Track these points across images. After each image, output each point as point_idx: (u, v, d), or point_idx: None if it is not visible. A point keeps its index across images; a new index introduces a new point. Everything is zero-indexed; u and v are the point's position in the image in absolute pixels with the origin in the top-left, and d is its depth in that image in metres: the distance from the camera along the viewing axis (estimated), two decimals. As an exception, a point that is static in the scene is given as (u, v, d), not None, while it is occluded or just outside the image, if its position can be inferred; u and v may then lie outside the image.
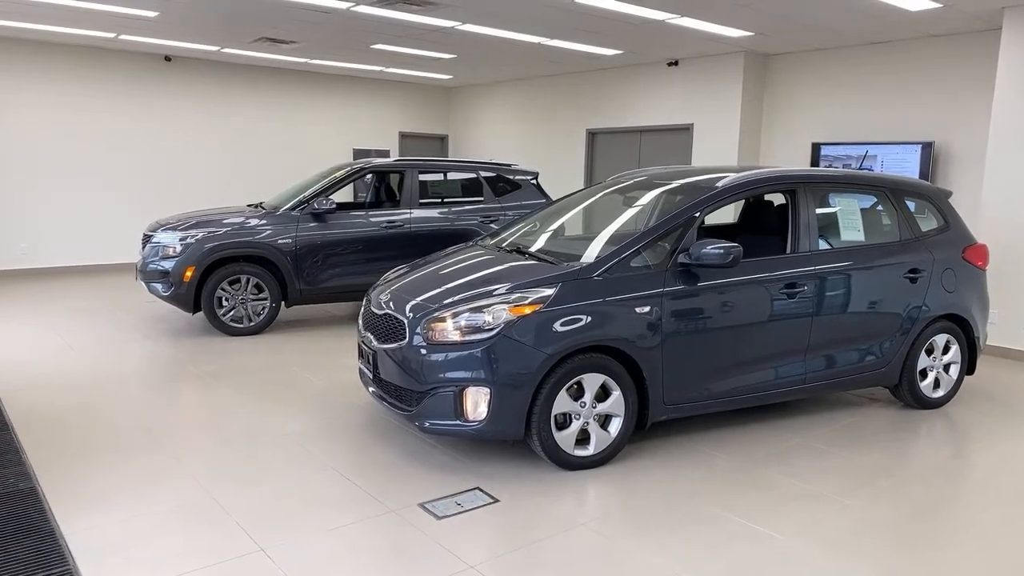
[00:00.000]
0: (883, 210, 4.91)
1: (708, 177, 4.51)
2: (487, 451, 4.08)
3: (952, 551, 3.13)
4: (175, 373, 5.47)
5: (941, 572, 2.96)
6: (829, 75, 8.57)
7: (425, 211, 7.36)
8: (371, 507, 3.39)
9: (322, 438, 4.24)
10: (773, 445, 4.29)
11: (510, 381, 3.62)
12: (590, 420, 3.84)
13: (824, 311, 4.42)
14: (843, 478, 3.85)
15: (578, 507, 3.45)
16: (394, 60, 10.40)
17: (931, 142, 7.58)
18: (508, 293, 3.77)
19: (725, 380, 4.17)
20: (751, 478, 3.83)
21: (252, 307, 6.72)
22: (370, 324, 4.24)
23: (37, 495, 3.44)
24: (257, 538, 3.08)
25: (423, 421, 3.79)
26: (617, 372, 3.84)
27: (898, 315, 4.71)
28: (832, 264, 4.47)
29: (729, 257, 3.87)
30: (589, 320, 3.74)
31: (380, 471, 3.81)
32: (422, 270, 4.50)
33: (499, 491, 3.60)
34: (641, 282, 3.90)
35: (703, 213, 4.14)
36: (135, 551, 2.96)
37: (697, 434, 4.43)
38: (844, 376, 4.60)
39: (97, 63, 10.05)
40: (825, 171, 4.75)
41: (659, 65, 9.93)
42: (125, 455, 3.93)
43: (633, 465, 3.95)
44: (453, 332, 3.71)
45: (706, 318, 4.04)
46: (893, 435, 4.52)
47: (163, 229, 6.63)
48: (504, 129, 12.60)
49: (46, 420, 4.42)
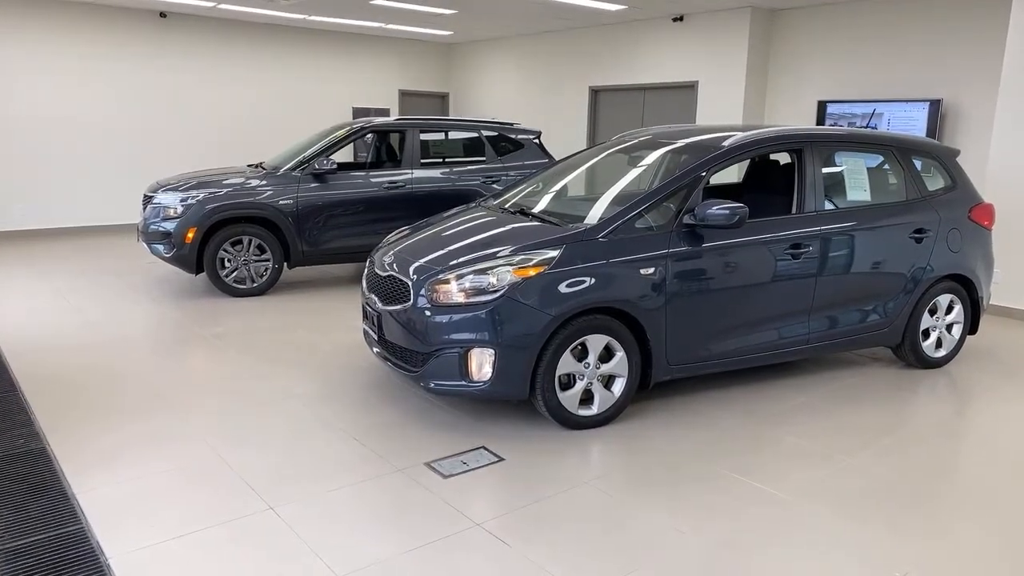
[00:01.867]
0: (890, 169, 4.86)
1: (714, 136, 4.46)
2: (491, 411, 4.12)
3: (955, 510, 3.18)
4: (180, 335, 5.49)
5: (946, 531, 3.01)
6: (836, 31, 8.42)
7: (427, 171, 7.30)
8: (378, 466, 3.44)
9: (328, 399, 4.28)
10: (776, 404, 4.32)
11: (515, 342, 3.63)
12: (594, 380, 3.86)
13: (829, 271, 4.41)
14: (846, 437, 3.89)
15: (582, 466, 3.49)
16: (394, 16, 10.20)
17: (939, 100, 7.47)
18: (512, 255, 3.76)
19: (729, 341, 4.18)
20: (755, 437, 3.86)
21: (255, 268, 6.71)
22: (374, 286, 4.24)
23: (47, 455, 3.48)
24: (266, 497, 3.12)
25: (428, 382, 3.81)
26: (621, 333, 3.85)
27: (902, 275, 4.70)
28: (838, 224, 4.44)
29: (735, 218, 3.84)
30: (593, 282, 3.73)
31: (386, 431, 3.85)
32: (425, 232, 4.48)
33: (504, 450, 3.64)
34: (646, 243, 3.88)
35: (709, 173, 4.11)
36: (146, 509, 3.00)
37: (700, 394, 4.46)
38: (847, 336, 4.62)
39: (91, 20, 9.87)
40: (832, 130, 4.69)
41: (664, 20, 9.74)
42: (133, 416, 3.97)
43: (636, 424, 3.98)
44: (457, 294, 3.71)
45: (710, 279, 4.04)
46: (895, 394, 4.55)
47: (164, 190, 6.59)
48: (505, 87, 12.43)
49: (53, 382, 4.46)
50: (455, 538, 2.85)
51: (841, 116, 8.18)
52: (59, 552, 2.70)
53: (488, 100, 12.83)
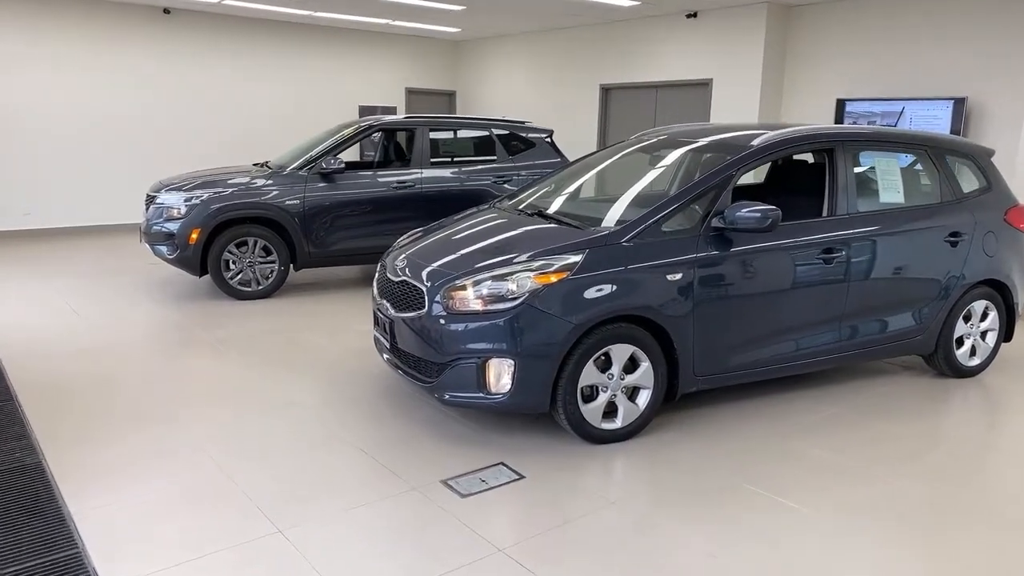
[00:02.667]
0: (923, 170, 4.66)
1: (742, 135, 4.26)
2: (509, 423, 3.93)
3: (997, 530, 2.98)
4: (183, 339, 5.31)
5: (987, 551, 2.81)
6: (855, 27, 8.20)
7: (436, 171, 7.11)
8: (392, 484, 3.25)
9: (337, 408, 4.09)
10: (805, 416, 4.12)
11: (535, 352, 3.44)
12: (618, 392, 3.67)
13: (862, 277, 4.21)
14: (880, 451, 3.69)
15: (607, 484, 3.30)
16: (401, 12, 10.01)
17: (963, 98, 7.25)
18: (532, 260, 3.57)
19: (758, 350, 3.98)
20: (784, 451, 3.67)
21: (260, 270, 6.53)
22: (386, 291, 4.05)
23: (43, 471, 3.30)
24: (274, 519, 2.94)
25: (443, 393, 3.62)
26: (646, 342, 3.66)
27: (937, 281, 4.50)
28: (871, 228, 4.24)
29: (767, 221, 3.65)
30: (618, 288, 3.54)
31: (399, 445, 3.66)
32: (439, 234, 4.29)
33: (524, 466, 3.45)
34: (672, 248, 3.69)
35: (738, 174, 3.91)
36: (146, 532, 2.82)
37: (726, 405, 4.27)
38: (880, 344, 4.42)
39: (92, 16, 9.69)
40: (864, 129, 4.49)
41: (677, 17, 9.53)
42: (134, 427, 3.79)
43: (661, 438, 3.79)
44: (475, 301, 3.52)
45: (740, 285, 3.84)
46: (928, 406, 4.35)
47: (167, 190, 6.41)
48: (514, 85, 12.23)
49: (51, 390, 4.28)
50: (477, 565, 2.66)
51: (861, 115, 7.96)
52: (53, 580, 2.52)
53: (496, 98, 12.63)
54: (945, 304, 4.56)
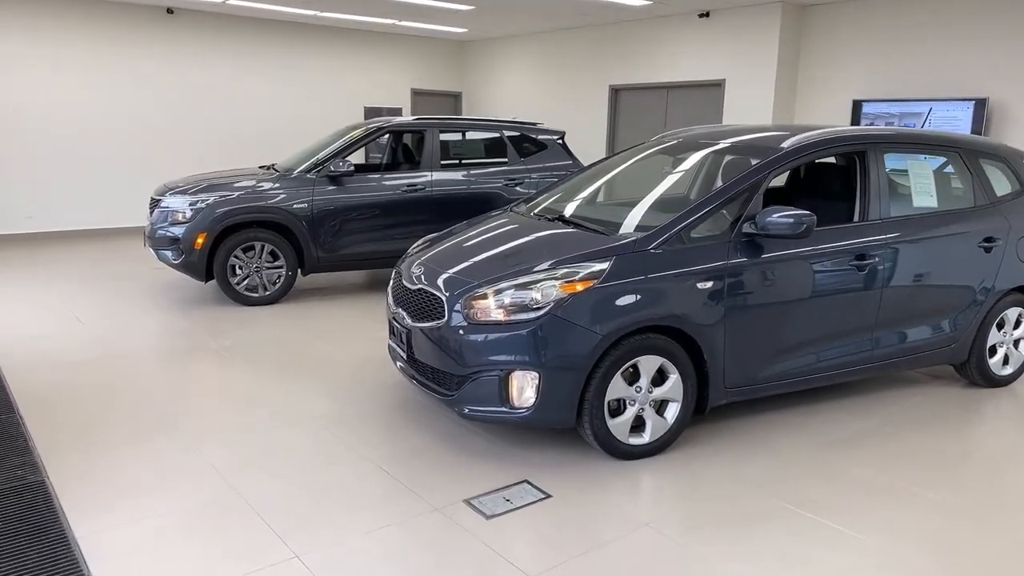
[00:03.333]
0: (956, 173, 4.50)
1: (769, 136, 4.11)
2: (531, 437, 3.77)
3: (1059, 556, 2.83)
4: (190, 348, 5.16)
5: (1053, 583, 2.66)
6: (872, 27, 8.05)
7: (447, 173, 6.96)
8: (413, 504, 3.09)
9: (352, 422, 3.94)
10: (838, 429, 3.97)
11: (561, 364, 3.29)
12: (646, 406, 3.51)
13: (895, 284, 4.06)
14: (920, 466, 3.54)
15: (638, 503, 3.14)
16: (408, 12, 9.86)
17: (984, 99, 7.10)
18: (556, 268, 3.42)
19: (790, 361, 3.83)
20: (821, 468, 3.51)
21: (267, 275, 6.38)
22: (402, 300, 3.90)
23: (46, 490, 3.15)
24: (290, 542, 2.78)
25: (463, 407, 3.47)
26: (675, 354, 3.50)
27: (971, 288, 4.34)
28: (905, 233, 4.08)
29: (801, 227, 3.49)
30: (646, 297, 3.38)
31: (418, 460, 3.50)
32: (456, 240, 4.14)
33: (549, 484, 3.29)
34: (703, 254, 3.53)
35: (769, 177, 3.75)
36: (154, 557, 2.67)
37: (753, 417, 4.11)
38: (912, 354, 4.26)
39: (95, 16, 9.55)
40: (896, 130, 4.33)
41: (689, 16, 9.38)
42: (141, 442, 3.63)
43: (691, 453, 3.63)
44: (496, 311, 3.37)
45: (772, 293, 3.68)
46: (963, 417, 4.19)
47: (172, 193, 6.26)
48: (521, 86, 12.08)
49: (54, 401, 4.12)
50: (506, 594, 2.51)
51: (878, 116, 7.81)
52: (57, 612, 2.37)
53: (503, 100, 12.48)
54: (979, 312, 4.41)
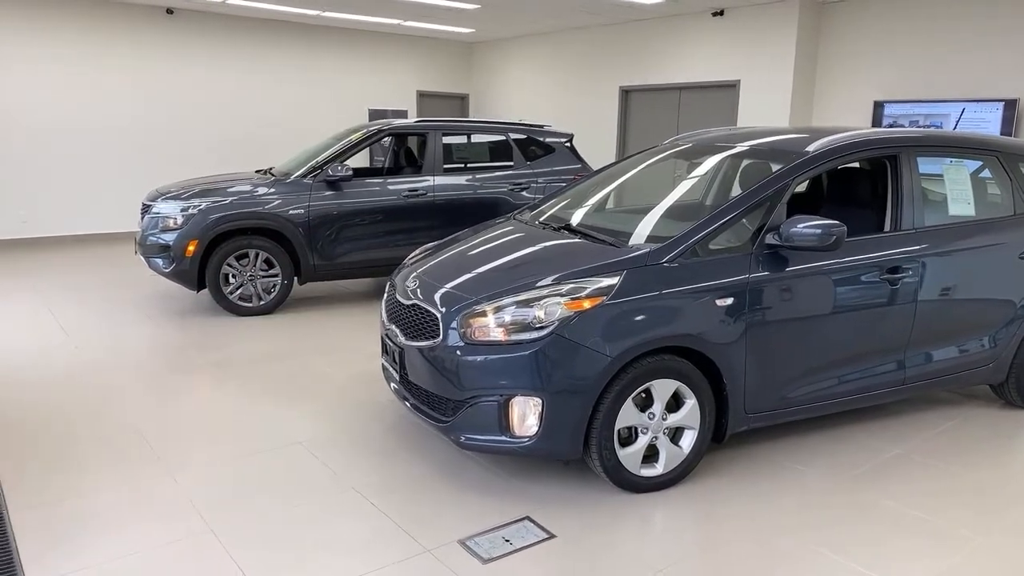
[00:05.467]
0: (993, 179, 4.18)
1: (793, 139, 3.80)
2: (533, 467, 3.48)
3: None
4: (177, 363, 4.89)
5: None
6: (893, 25, 7.71)
7: (450, 178, 6.68)
8: (402, 545, 2.80)
9: (341, 447, 3.65)
10: (868, 458, 3.65)
11: (566, 389, 2.99)
12: (659, 434, 3.21)
13: (930, 299, 3.74)
14: (960, 503, 3.22)
15: (650, 545, 2.84)
16: (413, 12, 9.60)
17: (1015, 99, 6.76)
18: (561, 283, 3.12)
19: (817, 383, 3.52)
20: (852, 504, 3.20)
21: (262, 284, 6.11)
22: (395, 316, 3.61)
23: (3, 530, 2.88)
24: (263, 592, 2.50)
25: (460, 435, 3.18)
26: (692, 377, 3.20)
27: (1011, 302, 4.02)
28: (941, 244, 3.77)
29: (831, 239, 3.18)
30: (661, 315, 3.09)
31: (410, 493, 3.21)
32: (455, 250, 3.86)
33: (553, 522, 3.00)
34: (722, 268, 3.23)
35: (794, 184, 3.45)
36: (113, 610, 2.39)
37: (775, 443, 3.80)
38: (948, 374, 3.94)
39: (92, 16, 9.33)
40: (932, 133, 4.01)
41: (703, 15, 9.07)
42: (114, 471, 3.36)
43: (708, 486, 3.33)
44: (496, 330, 3.08)
45: (797, 310, 3.37)
46: (1005, 445, 3.86)
47: (163, 198, 6.01)
48: (529, 88, 11.79)
49: (23, 424, 3.86)
50: (503, 658, 2.22)
51: (901, 117, 7.47)
52: None
53: (510, 101, 12.19)
54: (1019, 328, 4.08)
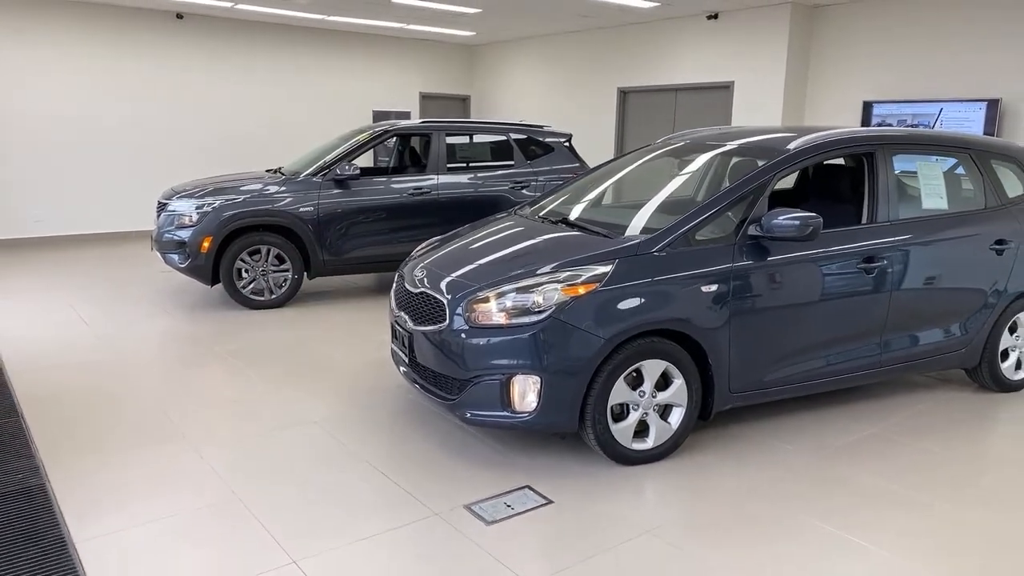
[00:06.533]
0: (966, 174, 4.43)
1: (776, 138, 4.06)
2: (533, 442, 3.74)
3: (1073, 566, 2.76)
4: (195, 352, 5.16)
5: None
6: (882, 27, 7.97)
7: (453, 177, 6.94)
8: (413, 509, 3.06)
9: (354, 426, 3.92)
10: (847, 435, 3.91)
11: (563, 368, 3.25)
12: (649, 411, 3.47)
13: (904, 287, 4.00)
14: (931, 475, 3.47)
15: (640, 510, 3.10)
16: (415, 16, 9.87)
17: (997, 99, 7.01)
18: (558, 271, 3.38)
19: (796, 365, 3.77)
20: (830, 475, 3.45)
21: (273, 279, 6.38)
22: (404, 303, 3.87)
23: (47, 494, 3.14)
24: (289, 548, 2.76)
25: (465, 411, 3.44)
26: (680, 358, 3.46)
27: (982, 290, 4.27)
28: (914, 236, 4.02)
29: (808, 229, 3.44)
30: (650, 300, 3.34)
31: (419, 465, 3.47)
32: (459, 243, 4.12)
33: (551, 490, 3.25)
34: (707, 257, 3.49)
35: (775, 179, 3.71)
36: (152, 562, 2.65)
37: (760, 422, 4.06)
38: (922, 358, 4.19)
39: (106, 21, 9.61)
40: (905, 131, 4.28)
41: (698, 18, 9.33)
42: (143, 447, 3.62)
43: (695, 459, 3.58)
44: (498, 314, 3.34)
45: (778, 297, 3.63)
46: (977, 424, 4.11)
47: (178, 197, 6.27)
48: (529, 89, 12.06)
49: (57, 404, 4.13)
50: (505, 602, 2.48)
51: (889, 117, 7.72)
52: (52, 618, 2.36)
53: (511, 103, 12.46)
54: (990, 315, 4.34)
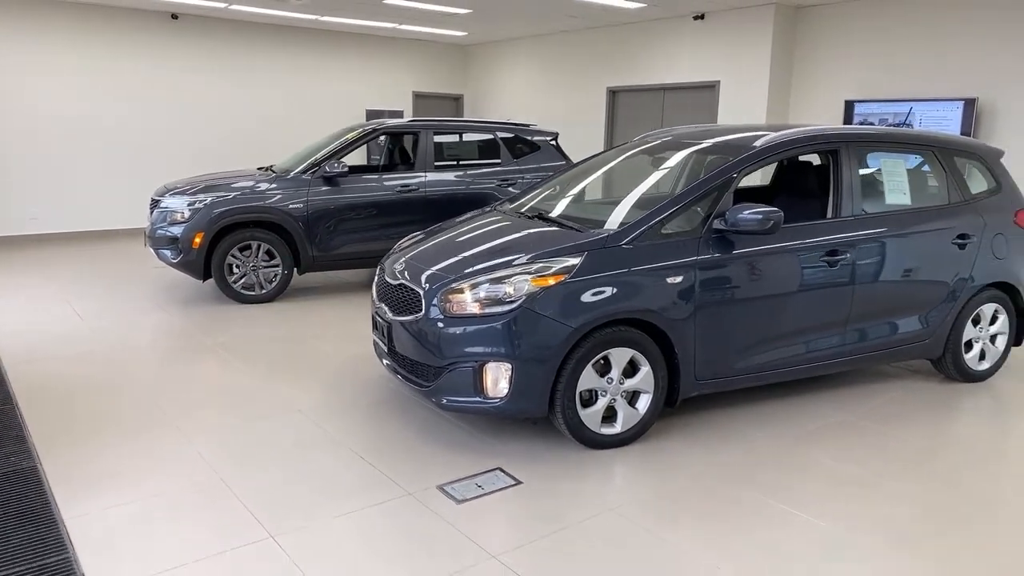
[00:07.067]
0: (930, 171, 4.58)
1: (744, 136, 4.21)
2: (508, 429, 3.89)
3: (1015, 538, 2.91)
4: (186, 344, 5.31)
5: (1004, 562, 2.74)
6: (864, 28, 8.12)
7: (440, 174, 7.09)
8: (387, 489, 3.22)
9: (336, 414, 4.07)
10: (811, 422, 4.06)
11: (533, 356, 3.40)
12: (617, 397, 3.62)
13: (867, 280, 4.15)
14: (889, 459, 3.62)
15: (605, 490, 3.25)
16: (408, 16, 10.01)
17: (974, 98, 7.16)
18: (530, 263, 3.53)
19: (761, 354, 3.93)
20: (790, 459, 3.60)
21: (264, 274, 6.52)
22: (384, 295, 4.03)
23: (38, 476, 3.29)
24: (267, 524, 2.91)
25: (441, 397, 3.59)
26: (646, 346, 3.61)
27: (945, 283, 4.42)
28: (876, 230, 4.17)
29: (769, 223, 3.59)
30: (617, 291, 3.49)
31: (396, 450, 3.63)
32: (438, 237, 4.27)
33: (521, 472, 3.41)
34: (673, 250, 3.64)
35: (740, 175, 3.86)
36: (138, 538, 2.80)
37: (729, 410, 4.21)
38: (886, 348, 4.34)
39: (102, 22, 9.76)
40: (869, 129, 4.43)
41: (684, 19, 9.48)
42: (132, 433, 3.77)
43: (662, 444, 3.74)
44: (472, 304, 3.49)
45: (742, 288, 3.78)
46: (937, 411, 4.27)
47: (171, 194, 6.42)
48: (521, 88, 12.21)
49: (51, 393, 4.28)
50: (470, 572, 2.62)
51: (870, 115, 7.87)
52: (41, 586, 2.50)
53: (504, 102, 12.61)
54: (953, 307, 4.49)
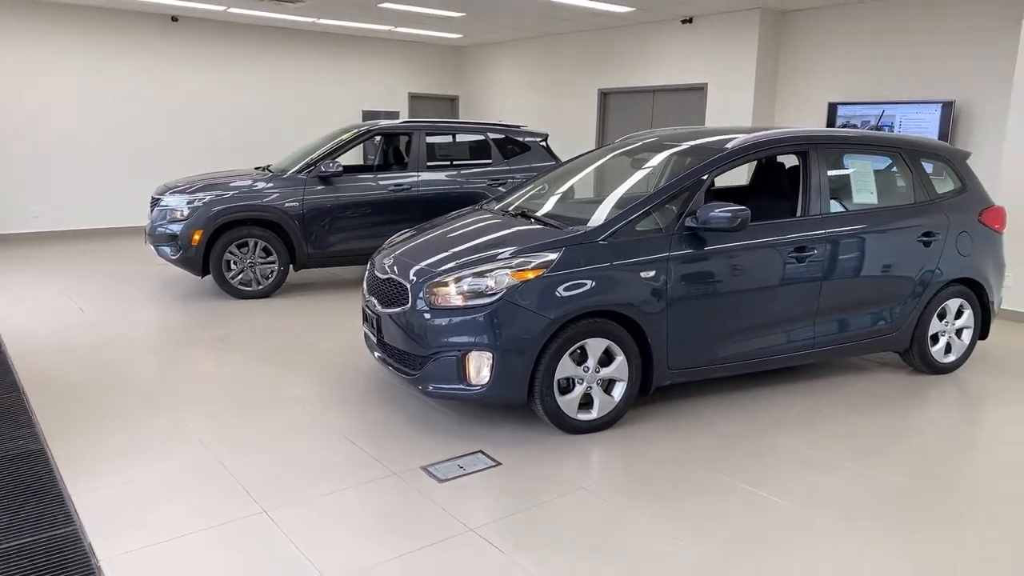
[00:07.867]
0: (897, 172, 4.79)
1: (717, 138, 4.41)
2: (490, 415, 4.09)
3: (967, 520, 3.11)
4: (184, 337, 5.51)
5: (958, 541, 2.95)
6: (847, 33, 8.33)
7: (432, 174, 7.30)
8: (374, 470, 3.42)
9: (328, 402, 4.27)
10: (781, 411, 4.26)
11: (513, 345, 3.61)
12: (593, 385, 3.82)
13: (834, 275, 4.35)
14: (853, 445, 3.83)
15: (580, 471, 3.45)
16: (403, 19, 10.22)
17: (951, 101, 7.37)
18: (511, 258, 3.74)
19: (732, 345, 4.13)
20: (758, 444, 3.81)
21: (260, 271, 6.73)
22: (374, 288, 4.23)
23: (46, 457, 3.49)
24: (260, 500, 3.11)
25: (426, 385, 3.79)
26: (621, 337, 3.81)
27: (911, 279, 4.63)
28: (843, 227, 4.38)
29: (736, 221, 3.80)
30: (593, 285, 3.70)
31: (384, 434, 3.83)
32: (426, 234, 4.47)
33: (501, 454, 3.61)
34: (646, 246, 3.85)
35: (711, 175, 4.06)
36: (140, 512, 3.00)
37: (702, 399, 4.41)
38: (854, 341, 4.55)
39: (102, 24, 9.96)
40: (838, 132, 4.63)
41: (673, 22, 9.69)
42: (133, 419, 3.98)
43: (636, 430, 3.94)
44: (456, 297, 3.69)
45: (713, 282, 3.99)
46: (903, 401, 4.47)
47: (171, 192, 6.62)
48: (515, 90, 12.42)
49: (56, 382, 4.48)
50: (448, 543, 2.83)
51: (853, 117, 8.09)
52: (51, 554, 2.70)
53: (498, 103, 12.82)
54: (919, 302, 4.69)
